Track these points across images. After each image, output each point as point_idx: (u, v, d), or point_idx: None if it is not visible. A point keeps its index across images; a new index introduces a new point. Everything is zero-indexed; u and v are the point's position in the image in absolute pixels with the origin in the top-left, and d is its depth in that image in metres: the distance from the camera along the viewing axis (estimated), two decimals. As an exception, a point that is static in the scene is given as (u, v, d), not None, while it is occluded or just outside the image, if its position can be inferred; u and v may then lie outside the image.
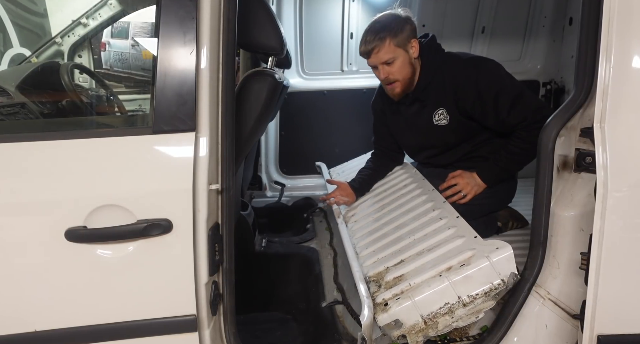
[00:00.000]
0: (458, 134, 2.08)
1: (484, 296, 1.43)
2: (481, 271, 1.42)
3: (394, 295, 1.49)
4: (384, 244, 1.80)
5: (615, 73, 1.23)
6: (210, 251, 1.22)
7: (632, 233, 1.24)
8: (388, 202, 2.09)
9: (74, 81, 2.05)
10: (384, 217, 1.98)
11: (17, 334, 1.18)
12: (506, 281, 1.43)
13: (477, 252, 1.47)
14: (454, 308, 1.44)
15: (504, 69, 1.99)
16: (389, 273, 1.60)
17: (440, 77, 2.00)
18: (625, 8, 1.21)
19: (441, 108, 2.04)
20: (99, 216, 1.15)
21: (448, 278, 1.44)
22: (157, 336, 1.23)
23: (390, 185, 2.25)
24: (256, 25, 1.57)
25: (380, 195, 2.22)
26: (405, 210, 1.95)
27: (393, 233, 1.83)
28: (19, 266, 1.17)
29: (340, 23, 3.11)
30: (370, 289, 1.57)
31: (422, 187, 2.05)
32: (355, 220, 2.12)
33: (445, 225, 1.70)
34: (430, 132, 2.10)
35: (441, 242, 1.61)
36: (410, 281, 1.50)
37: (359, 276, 1.63)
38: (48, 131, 1.47)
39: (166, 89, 1.16)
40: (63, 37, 2.39)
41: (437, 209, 1.82)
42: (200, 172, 1.17)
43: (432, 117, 2.07)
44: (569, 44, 3.06)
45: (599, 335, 1.26)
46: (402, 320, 1.44)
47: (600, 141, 1.23)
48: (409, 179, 2.19)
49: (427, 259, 1.57)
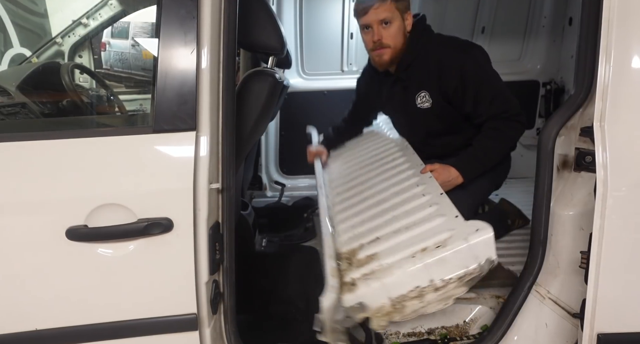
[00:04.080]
0: (443, 120, 2.01)
1: (458, 281, 1.33)
2: (457, 254, 1.31)
3: (363, 275, 1.38)
4: (363, 219, 1.69)
5: (615, 73, 1.23)
6: (211, 250, 1.22)
7: (632, 232, 1.25)
8: (374, 175, 2.00)
9: (74, 81, 2.05)
10: (367, 191, 1.88)
11: (18, 332, 1.19)
12: (482, 265, 1.32)
13: (456, 234, 1.36)
14: (424, 291, 1.33)
15: (489, 59, 1.95)
16: (363, 250, 1.50)
17: (425, 57, 1.94)
18: (625, 8, 1.22)
19: (424, 91, 1.98)
20: (100, 215, 1.15)
21: (422, 260, 1.33)
22: (158, 335, 1.23)
23: (379, 157, 2.15)
24: (257, 25, 1.57)
25: (367, 167, 2.11)
26: (389, 184, 1.85)
27: (373, 208, 1.72)
28: (20, 265, 1.18)
29: (340, 23, 3.11)
30: (341, 266, 1.47)
31: (410, 162, 1.96)
32: (338, 192, 2.02)
33: (428, 202, 1.60)
34: (415, 115, 2.04)
35: (420, 221, 1.51)
36: (382, 261, 1.39)
37: (330, 252, 1.52)
38: (49, 131, 1.47)
39: (167, 88, 1.17)
40: (63, 37, 2.39)
41: (421, 185, 1.72)
42: (201, 171, 1.17)
43: (415, 100, 2.00)
44: (569, 44, 3.06)
45: (598, 334, 1.26)
46: (368, 302, 1.33)
47: (600, 140, 1.23)
48: (399, 153, 2.09)
49: (403, 238, 1.47)
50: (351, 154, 2.33)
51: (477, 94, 1.88)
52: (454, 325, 1.78)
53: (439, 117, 2.00)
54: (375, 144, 2.31)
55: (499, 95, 1.88)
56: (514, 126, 1.89)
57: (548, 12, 3.14)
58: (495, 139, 1.90)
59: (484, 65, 1.92)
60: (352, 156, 2.30)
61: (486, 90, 1.87)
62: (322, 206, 1.87)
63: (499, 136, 1.89)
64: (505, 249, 2.03)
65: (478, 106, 1.89)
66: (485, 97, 1.87)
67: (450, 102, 1.95)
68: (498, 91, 1.88)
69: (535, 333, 1.50)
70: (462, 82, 1.87)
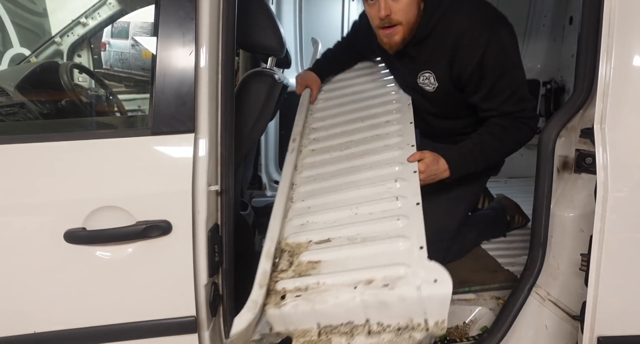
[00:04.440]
0: (445, 105, 1.77)
1: (395, 332, 1.15)
2: (403, 303, 1.12)
3: (296, 289, 1.22)
4: (324, 203, 1.47)
5: (615, 74, 1.22)
6: (210, 252, 1.21)
7: (633, 234, 1.24)
8: (357, 140, 1.71)
9: (73, 81, 2.04)
10: (343, 162, 1.61)
11: (16, 336, 1.18)
12: (430, 326, 1.11)
13: (411, 275, 1.15)
14: (355, 331, 1.17)
15: (517, 42, 1.65)
16: (309, 250, 1.32)
17: (442, 31, 1.61)
18: (626, 8, 1.21)
19: (428, 71, 1.68)
20: (98, 217, 1.14)
21: (362, 294, 1.15)
22: (157, 338, 1.22)
23: (372, 115, 1.83)
24: (256, 26, 1.57)
25: (354, 124, 1.80)
26: (368, 163, 1.58)
27: (340, 191, 1.49)
28: (18, 267, 1.17)
29: (340, 23, 3.10)
30: (279, 264, 1.30)
31: (403, 135, 1.65)
32: (313, 149, 1.75)
33: (398, 211, 1.35)
34: (415, 93, 1.80)
35: (380, 237, 1.29)
36: (322, 279, 1.22)
37: (271, 245, 1.31)
38: (47, 132, 1.47)
39: (165, 90, 1.16)
40: (62, 36, 2.39)
41: (400, 181, 1.46)
42: (200, 173, 1.17)
43: (417, 77, 1.72)
44: (569, 44, 3.05)
45: (599, 336, 1.26)
46: (294, 322, 1.20)
47: (601, 142, 1.22)
48: (395, 115, 1.78)
49: (355, 253, 1.27)
50: (343, 99, 1.99)
51: (493, 86, 1.59)
52: (454, 326, 1.78)
53: (441, 102, 1.76)
54: (375, 91, 1.97)
55: (517, 92, 1.61)
56: (524, 130, 1.64)
57: (548, 11, 3.13)
58: (499, 139, 1.64)
59: (510, 52, 1.61)
60: (344, 102, 1.96)
61: (505, 83, 1.59)
62: (288, 165, 1.62)
63: (505, 136, 1.63)
64: (505, 250, 2.02)
65: (491, 99, 1.62)
66: (502, 91, 1.60)
67: (458, 87, 1.67)
68: (518, 86, 1.61)
69: (535, 335, 1.50)
70: (481, 67, 1.57)
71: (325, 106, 1.97)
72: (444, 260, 1.78)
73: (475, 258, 1.95)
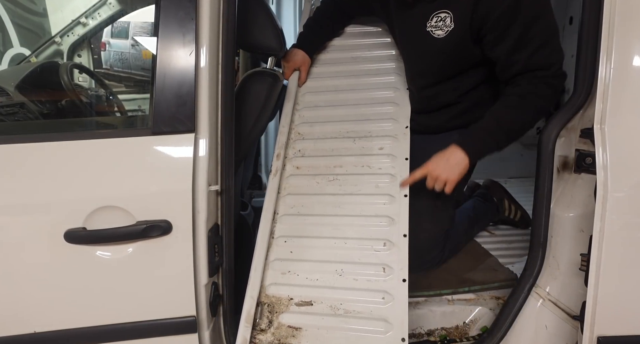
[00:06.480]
0: (451, 59, 1.52)
1: None
2: None
3: None
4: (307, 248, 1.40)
5: (615, 74, 1.22)
6: (210, 252, 1.22)
7: (633, 234, 1.24)
8: (346, 165, 1.56)
9: (73, 81, 2.05)
10: (327, 195, 1.48)
11: (16, 335, 1.18)
12: None
13: None
14: None
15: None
16: (289, 312, 1.29)
17: None
18: (626, 8, 1.21)
19: (446, 11, 1.43)
20: (99, 217, 1.15)
21: None
22: (157, 338, 1.23)
23: (365, 138, 1.62)
24: (256, 26, 1.57)
25: (343, 141, 1.62)
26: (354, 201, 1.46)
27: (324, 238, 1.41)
28: (18, 267, 1.17)
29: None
30: (259, 323, 1.27)
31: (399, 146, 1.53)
32: (298, 166, 1.59)
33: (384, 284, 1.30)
34: (418, 43, 1.55)
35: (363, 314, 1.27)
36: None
37: (251, 306, 1.28)
38: (47, 132, 1.47)
39: (165, 90, 1.16)
40: (62, 36, 2.39)
41: (389, 204, 1.40)
42: (200, 173, 1.17)
43: (426, 21, 1.48)
44: (569, 44, 3.05)
45: (599, 336, 1.26)
46: None
47: (601, 142, 1.22)
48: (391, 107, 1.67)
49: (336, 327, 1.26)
50: (334, 83, 1.80)
51: (524, 33, 1.36)
52: (454, 326, 1.78)
53: (448, 54, 1.51)
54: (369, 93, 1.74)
55: (550, 42, 1.39)
56: (547, 93, 1.41)
57: (548, 11, 3.12)
58: (515, 107, 1.42)
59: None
60: (335, 91, 1.78)
61: (538, 30, 1.37)
62: (271, 192, 1.50)
63: (523, 104, 1.41)
64: (505, 250, 2.02)
65: (519, 50, 1.38)
66: (533, 40, 1.37)
67: (474, 36, 1.44)
68: (550, 35, 1.39)
69: (535, 335, 1.50)
70: (514, 9, 1.34)
71: (313, 100, 1.78)
72: (440, 261, 1.78)
73: (474, 257, 1.95)
